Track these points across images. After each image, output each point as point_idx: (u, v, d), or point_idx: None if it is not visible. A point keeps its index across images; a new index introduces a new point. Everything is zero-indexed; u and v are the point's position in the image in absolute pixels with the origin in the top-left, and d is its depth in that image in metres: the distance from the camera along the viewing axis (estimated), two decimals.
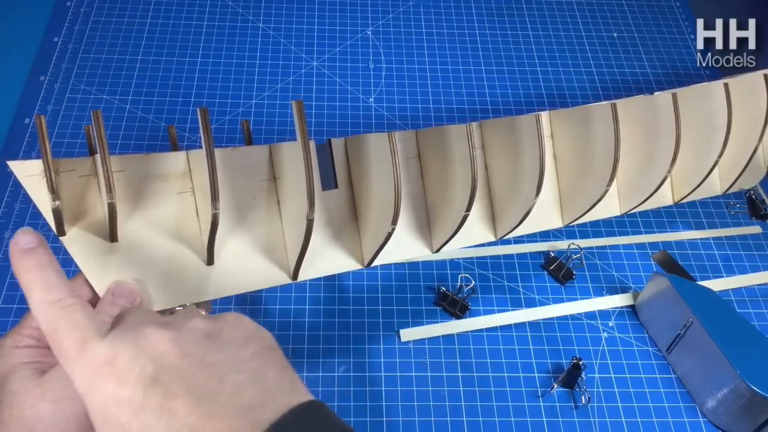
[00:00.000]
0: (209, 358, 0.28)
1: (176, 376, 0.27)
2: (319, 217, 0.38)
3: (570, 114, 0.50)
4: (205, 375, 0.27)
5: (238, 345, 0.29)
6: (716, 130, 0.51)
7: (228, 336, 0.30)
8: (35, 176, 0.35)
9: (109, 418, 0.27)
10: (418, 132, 0.47)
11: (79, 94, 0.66)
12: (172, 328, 0.29)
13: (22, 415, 0.33)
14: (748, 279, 0.57)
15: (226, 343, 0.29)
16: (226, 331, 0.30)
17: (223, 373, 0.27)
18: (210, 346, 0.29)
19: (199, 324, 0.30)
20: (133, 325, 0.29)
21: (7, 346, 0.35)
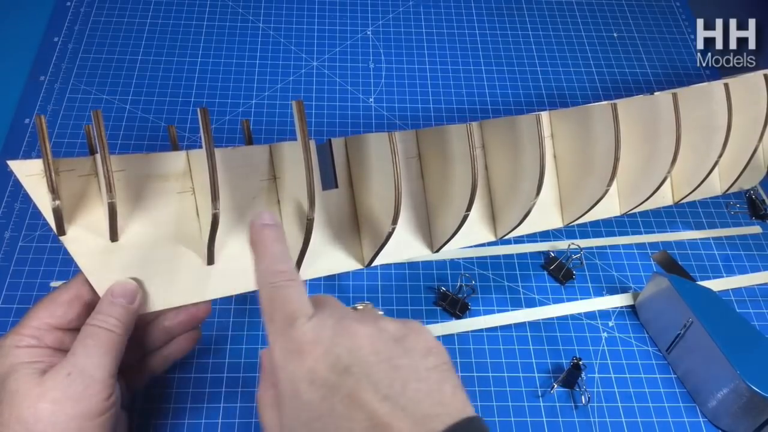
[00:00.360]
0: (396, 361, 0.30)
1: (366, 370, 0.29)
2: (319, 216, 0.39)
3: (570, 114, 0.50)
4: (391, 376, 0.29)
5: (421, 354, 0.31)
6: (716, 130, 0.51)
7: (412, 343, 0.31)
8: (35, 176, 0.35)
9: (299, 394, 0.29)
10: (418, 132, 0.47)
11: (79, 94, 0.66)
12: (368, 324, 0.31)
13: (22, 415, 0.33)
14: (748, 279, 0.57)
15: (410, 350, 0.31)
16: (411, 339, 0.31)
17: (407, 378, 0.29)
18: (397, 349, 0.30)
19: (390, 326, 0.31)
20: (335, 314, 0.31)
21: (8, 345, 0.35)
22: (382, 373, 0.29)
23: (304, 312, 0.31)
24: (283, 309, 0.32)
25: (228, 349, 0.50)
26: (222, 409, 0.47)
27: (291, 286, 0.33)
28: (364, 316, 0.32)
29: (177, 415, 0.46)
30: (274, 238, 0.35)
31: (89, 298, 0.38)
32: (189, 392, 0.47)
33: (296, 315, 0.31)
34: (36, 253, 0.54)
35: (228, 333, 0.51)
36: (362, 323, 0.31)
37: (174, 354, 0.44)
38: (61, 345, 0.37)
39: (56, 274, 0.53)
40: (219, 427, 0.46)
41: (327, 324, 0.31)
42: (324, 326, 0.30)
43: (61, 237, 0.37)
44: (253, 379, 0.48)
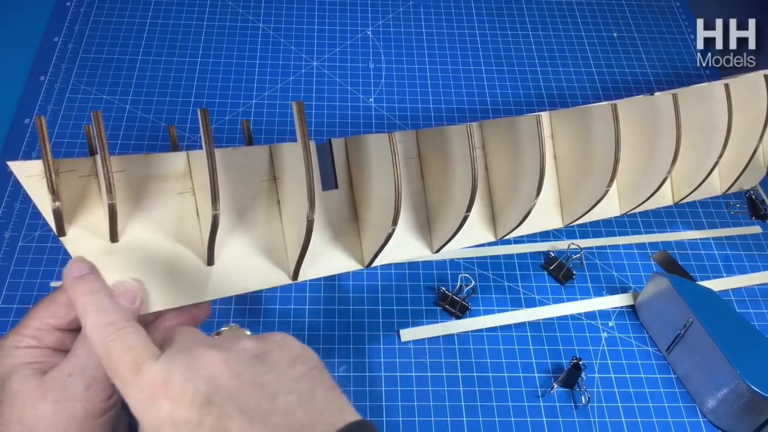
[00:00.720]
0: (259, 379, 0.28)
1: (229, 397, 0.28)
2: (319, 217, 0.39)
3: (570, 114, 0.50)
4: (257, 396, 0.28)
5: (287, 365, 0.30)
6: (716, 131, 0.51)
7: (276, 356, 0.30)
8: (35, 176, 0.35)
9: None
10: (418, 132, 0.47)
11: (79, 94, 0.66)
12: (222, 349, 0.30)
13: (23, 416, 0.33)
14: (748, 279, 0.57)
15: (274, 364, 0.30)
16: (273, 352, 0.30)
17: (274, 393, 0.28)
18: (259, 366, 0.29)
19: (248, 345, 0.30)
20: (184, 347, 0.30)
21: (8, 346, 0.35)
22: (246, 396, 0.28)
23: (148, 354, 0.30)
24: (123, 359, 0.30)
25: None
26: None
27: (126, 334, 0.31)
28: (222, 341, 0.31)
29: None
30: (89, 290, 0.34)
31: None
32: None
33: (141, 360, 0.29)
34: (36, 253, 0.54)
35: None
36: (217, 349, 0.29)
37: None
38: (61, 345, 0.37)
39: (56, 274, 0.53)
40: None
41: (177, 359, 0.29)
42: (173, 362, 0.29)
43: (61, 237, 0.37)
44: None
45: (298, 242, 0.40)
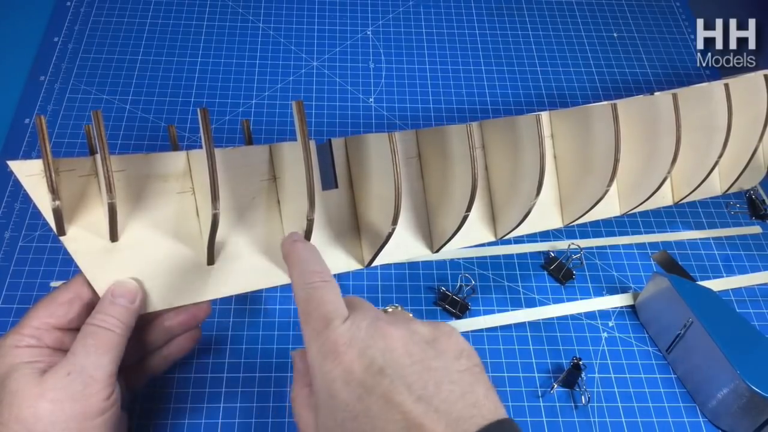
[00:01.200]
0: (428, 363, 0.30)
1: (400, 372, 0.29)
2: (319, 217, 0.39)
3: (570, 114, 0.50)
4: (425, 378, 0.29)
5: (453, 357, 0.31)
6: (716, 131, 0.51)
7: (444, 345, 0.31)
8: (35, 176, 0.35)
9: (335, 394, 0.30)
10: (418, 132, 0.47)
11: (79, 94, 0.66)
12: (400, 327, 0.31)
13: (22, 415, 0.33)
14: (748, 279, 0.57)
15: (443, 352, 0.31)
16: (442, 341, 0.32)
17: (440, 379, 0.29)
18: (430, 351, 0.31)
19: (421, 329, 0.32)
20: (368, 316, 0.32)
21: (7, 345, 0.35)
22: (415, 375, 0.29)
23: (339, 314, 0.32)
24: (318, 310, 0.32)
25: (228, 349, 0.50)
26: (222, 409, 0.47)
27: (326, 287, 0.33)
28: (396, 318, 0.33)
29: (177, 415, 0.46)
30: (305, 247, 0.37)
31: (89, 298, 0.38)
32: (189, 392, 0.47)
33: (331, 316, 0.32)
34: (36, 253, 0.54)
35: (228, 333, 0.51)
36: (395, 326, 0.31)
37: (174, 354, 0.44)
38: (61, 345, 0.37)
39: (56, 274, 0.53)
40: (219, 427, 0.46)
41: (361, 326, 0.31)
42: (359, 328, 0.31)
43: (61, 237, 0.37)
44: (252, 379, 0.48)
45: None
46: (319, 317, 0.32)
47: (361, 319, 0.32)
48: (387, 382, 0.29)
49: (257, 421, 0.46)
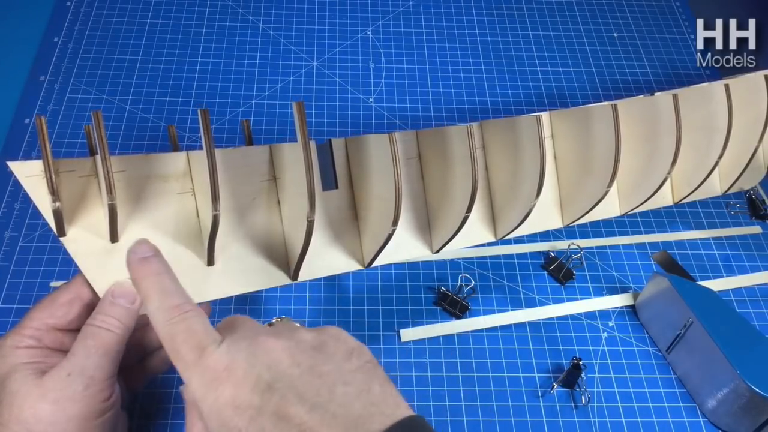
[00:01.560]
0: (318, 369, 0.29)
1: (290, 384, 0.28)
2: (319, 217, 0.39)
3: (570, 114, 0.50)
4: (316, 384, 0.29)
5: (343, 358, 0.31)
6: (717, 131, 0.51)
7: (332, 348, 0.31)
8: (35, 177, 0.35)
9: (225, 422, 0.28)
10: (418, 132, 0.47)
11: (79, 94, 0.66)
12: (282, 337, 0.30)
13: (22, 416, 0.33)
14: (748, 279, 0.57)
15: (331, 355, 0.30)
16: (330, 344, 0.31)
17: (333, 383, 0.29)
18: (318, 357, 0.30)
19: (306, 335, 0.31)
20: (245, 334, 0.31)
21: (8, 346, 0.35)
22: (306, 384, 0.28)
23: (210, 340, 0.30)
24: (187, 342, 0.31)
25: None
26: None
27: (190, 318, 0.32)
28: (279, 330, 0.32)
29: (177, 415, 0.46)
30: (156, 271, 0.34)
31: (89, 298, 0.38)
32: None
33: (204, 344, 0.30)
34: (36, 253, 0.54)
35: None
36: (276, 337, 0.30)
37: None
38: (61, 346, 0.37)
39: (56, 274, 0.53)
40: None
41: (240, 346, 0.30)
42: (237, 348, 0.30)
43: (61, 238, 0.37)
44: None
45: (298, 242, 0.40)
46: (189, 350, 0.30)
47: (239, 338, 0.30)
48: (277, 397, 0.28)
49: None
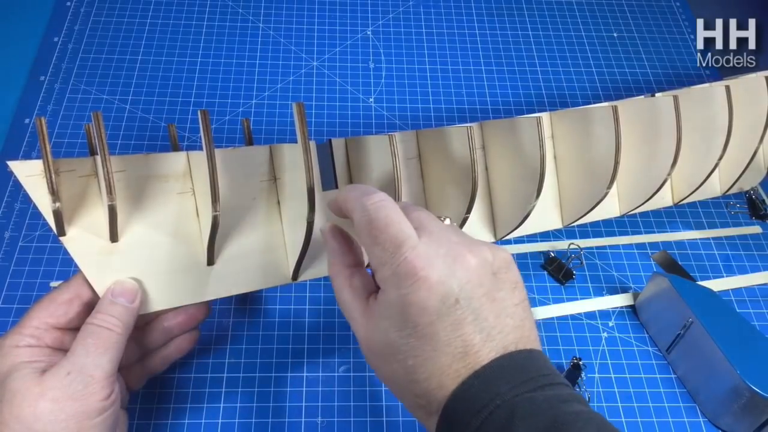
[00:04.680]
0: (493, 294, 0.31)
1: (471, 302, 0.30)
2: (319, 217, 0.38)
3: (570, 115, 0.50)
4: (488, 308, 0.31)
5: (511, 288, 0.32)
6: (717, 133, 0.51)
7: (504, 275, 0.32)
8: (35, 176, 0.35)
9: (406, 315, 0.30)
10: (418, 132, 0.47)
11: (79, 94, 0.66)
12: (474, 254, 0.32)
13: (22, 414, 0.33)
14: (748, 279, 0.57)
15: (503, 282, 0.32)
16: (502, 271, 0.33)
17: (500, 311, 0.31)
18: (495, 282, 0.32)
19: (488, 255, 0.32)
20: (442, 240, 0.32)
21: (8, 345, 0.35)
22: (482, 306, 0.31)
23: (408, 234, 0.32)
24: (386, 231, 0.32)
25: (228, 349, 0.50)
26: (222, 409, 0.47)
27: (388, 207, 0.33)
28: (468, 241, 0.33)
29: (177, 415, 0.46)
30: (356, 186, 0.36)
31: (89, 297, 0.38)
32: (189, 392, 0.47)
33: (402, 237, 0.31)
34: (36, 253, 0.54)
35: (228, 333, 0.51)
36: (472, 253, 0.32)
37: (173, 354, 0.44)
38: (60, 344, 0.37)
39: (56, 274, 0.53)
40: (219, 427, 0.46)
41: (439, 251, 0.31)
42: (436, 254, 0.31)
43: (60, 237, 0.37)
44: (252, 379, 0.48)
45: (298, 242, 0.40)
46: (387, 239, 0.31)
47: (436, 243, 0.32)
48: (459, 312, 0.30)
49: (257, 421, 0.46)
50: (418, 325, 0.30)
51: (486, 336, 0.30)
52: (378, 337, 0.32)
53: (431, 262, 0.31)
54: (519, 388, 0.29)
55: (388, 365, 0.32)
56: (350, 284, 0.35)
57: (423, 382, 0.30)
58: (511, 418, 0.28)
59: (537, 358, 0.31)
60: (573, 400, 0.29)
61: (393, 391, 0.33)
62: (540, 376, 0.30)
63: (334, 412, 0.47)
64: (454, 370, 0.30)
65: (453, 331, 0.30)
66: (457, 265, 0.31)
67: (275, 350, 0.50)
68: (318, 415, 0.47)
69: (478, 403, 0.29)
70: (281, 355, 0.50)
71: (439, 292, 0.30)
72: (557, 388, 0.30)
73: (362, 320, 0.33)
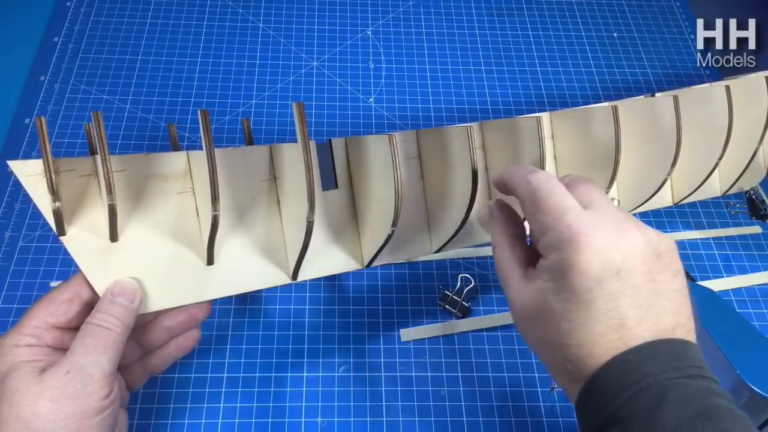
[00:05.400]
0: (654, 275, 0.32)
1: (631, 277, 0.31)
2: (319, 217, 0.39)
3: (570, 115, 0.50)
4: (647, 287, 0.31)
5: (672, 274, 0.33)
6: (717, 133, 0.51)
7: (667, 260, 0.33)
8: (35, 176, 0.35)
9: (566, 278, 0.31)
10: (418, 132, 0.47)
11: (79, 94, 0.66)
12: (641, 231, 0.32)
13: (21, 413, 0.33)
14: (748, 279, 0.57)
15: (665, 266, 0.32)
16: (666, 256, 0.33)
17: (659, 293, 0.31)
18: (657, 264, 0.32)
19: (653, 237, 0.33)
20: (609, 212, 0.33)
21: (7, 344, 0.35)
22: (641, 283, 0.31)
23: (571, 204, 0.33)
24: (549, 200, 0.33)
25: (228, 349, 0.50)
26: (222, 409, 0.47)
27: (551, 181, 0.34)
28: (635, 221, 0.33)
29: (177, 415, 0.46)
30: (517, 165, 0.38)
31: (89, 297, 0.38)
32: (189, 392, 0.47)
33: (565, 205, 0.33)
34: (36, 253, 0.54)
35: (228, 333, 0.51)
36: (638, 229, 0.32)
37: (173, 354, 0.44)
38: (60, 344, 0.37)
39: (56, 274, 0.53)
40: (219, 427, 0.46)
41: (606, 223, 0.32)
42: (603, 225, 0.32)
43: (60, 237, 0.37)
44: (252, 379, 0.48)
45: (297, 242, 0.40)
46: (551, 206, 0.33)
47: (604, 215, 0.32)
48: (618, 283, 0.30)
49: (257, 421, 0.46)
50: (576, 290, 0.31)
51: (642, 313, 0.30)
52: (534, 301, 0.33)
53: (595, 230, 0.31)
54: (672, 372, 0.29)
55: (540, 329, 0.32)
56: (512, 252, 0.36)
57: (574, 347, 0.31)
58: (662, 398, 0.28)
59: (693, 350, 0.31)
60: (723, 396, 0.30)
61: (540, 356, 0.34)
62: (693, 367, 0.30)
63: (334, 412, 0.47)
64: (606, 340, 0.30)
65: (610, 301, 0.30)
66: (622, 238, 0.31)
67: (275, 350, 0.50)
68: (318, 415, 0.47)
69: (629, 379, 0.29)
70: (281, 355, 0.50)
71: (601, 259, 0.31)
72: (710, 382, 0.30)
73: (519, 285, 0.34)
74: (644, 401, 0.29)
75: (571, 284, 0.31)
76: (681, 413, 0.28)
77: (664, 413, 0.28)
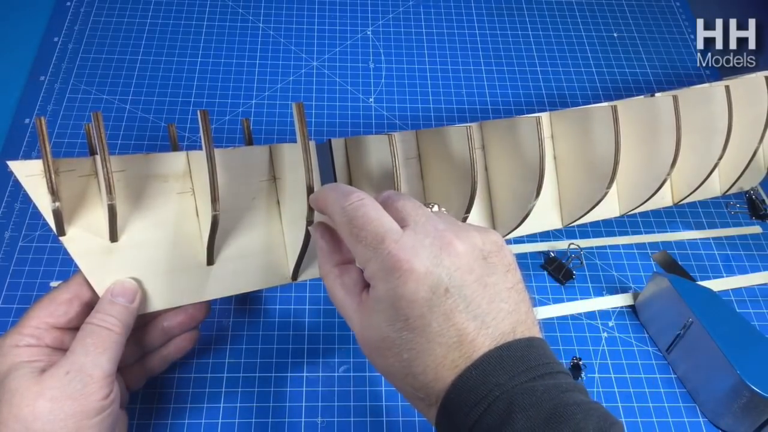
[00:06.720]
0: (485, 279, 0.31)
1: (462, 290, 0.30)
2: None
3: (570, 115, 0.50)
4: (480, 295, 0.30)
5: (504, 272, 0.32)
6: (717, 133, 0.51)
7: (495, 259, 0.32)
8: (35, 176, 0.35)
9: (397, 309, 0.30)
10: (418, 132, 0.47)
11: (79, 94, 0.66)
12: (462, 240, 0.31)
13: (21, 413, 0.33)
14: (748, 279, 0.57)
15: (495, 266, 0.31)
16: (494, 254, 0.32)
17: (493, 297, 0.30)
18: (486, 267, 0.31)
19: (477, 239, 0.32)
20: (427, 229, 0.31)
21: (7, 345, 0.35)
22: (474, 293, 0.30)
23: (390, 227, 0.31)
24: (366, 228, 0.31)
25: (228, 349, 0.50)
26: (222, 409, 0.47)
27: (366, 205, 0.32)
28: (455, 227, 0.32)
29: (177, 415, 0.46)
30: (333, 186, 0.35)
31: (88, 297, 0.38)
32: (189, 392, 0.47)
33: (383, 230, 0.31)
34: (36, 253, 0.54)
35: (228, 333, 0.51)
36: (459, 239, 0.31)
37: (173, 354, 0.44)
38: (60, 344, 0.37)
39: (56, 274, 0.53)
40: (219, 427, 0.46)
41: (425, 242, 0.31)
42: (422, 245, 0.30)
43: (60, 237, 0.37)
44: (252, 379, 0.48)
45: (297, 242, 0.40)
46: (369, 235, 0.31)
47: (422, 234, 0.31)
48: (450, 301, 0.29)
49: (257, 421, 0.46)
50: (409, 318, 0.30)
51: (480, 323, 0.30)
52: (372, 333, 0.31)
53: (416, 252, 0.30)
54: (518, 377, 0.28)
55: (384, 359, 0.31)
56: (341, 282, 0.34)
57: (420, 375, 0.30)
58: (510, 409, 0.28)
59: (536, 345, 0.30)
60: (574, 389, 0.29)
61: (393, 384, 0.33)
62: (539, 365, 0.29)
63: (334, 412, 0.47)
64: (450, 360, 0.29)
65: (445, 321, 0.29)
66: (444, 254, 0.30)
67: (275, 350, 0.50)
68: (318, 415, 0.47)
69: (477, 395, 0.28)
70: (281, 355, 0.50)
71: (427, 282, 0.29)
72: (558, 377, 0.29)
73: (356, 316, 0.33)
74: (494, 416, 0.28)
75: (403, 314, 0.30)
76: (531, 422, 0.27)
77: (516, 425, 0.27)
